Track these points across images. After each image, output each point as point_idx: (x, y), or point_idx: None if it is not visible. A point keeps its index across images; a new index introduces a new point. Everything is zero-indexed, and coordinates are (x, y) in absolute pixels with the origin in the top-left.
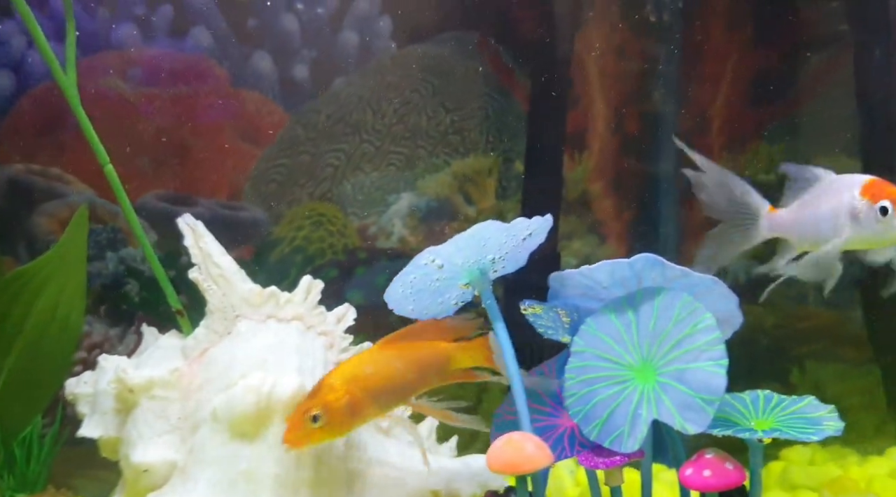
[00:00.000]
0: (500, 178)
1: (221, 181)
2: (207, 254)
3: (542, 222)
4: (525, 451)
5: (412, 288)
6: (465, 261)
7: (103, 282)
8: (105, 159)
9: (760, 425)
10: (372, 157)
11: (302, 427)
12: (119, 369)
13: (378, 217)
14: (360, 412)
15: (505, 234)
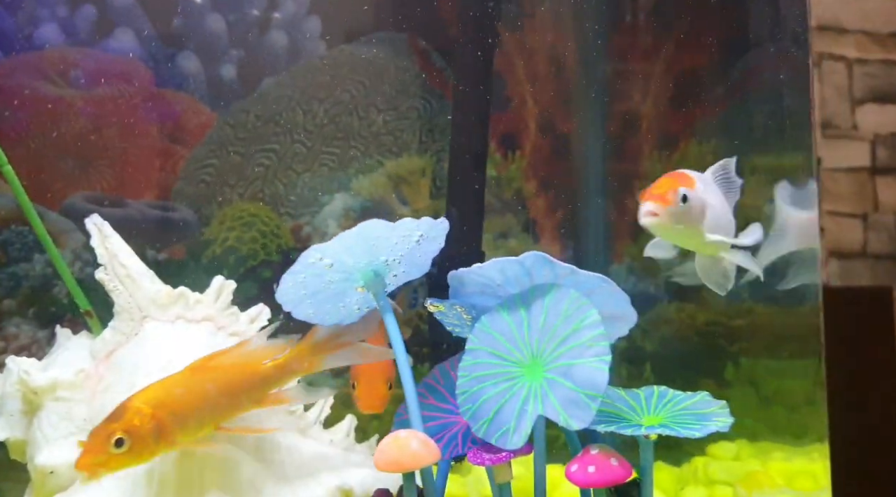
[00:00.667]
0: (434, 178)
1: (150, 182)
2: (113, 254)
3: (433, 224)
4: (409, 449)
5: (306, 288)
6: (357, 261)
7: (31, 284)
8: (3, 160)
9: (649, 421)
10: (304, 157)
11: (102, 452)
12: (21, 371)
13: (312, 217)
14: (167, 438)
15: (392, 234)
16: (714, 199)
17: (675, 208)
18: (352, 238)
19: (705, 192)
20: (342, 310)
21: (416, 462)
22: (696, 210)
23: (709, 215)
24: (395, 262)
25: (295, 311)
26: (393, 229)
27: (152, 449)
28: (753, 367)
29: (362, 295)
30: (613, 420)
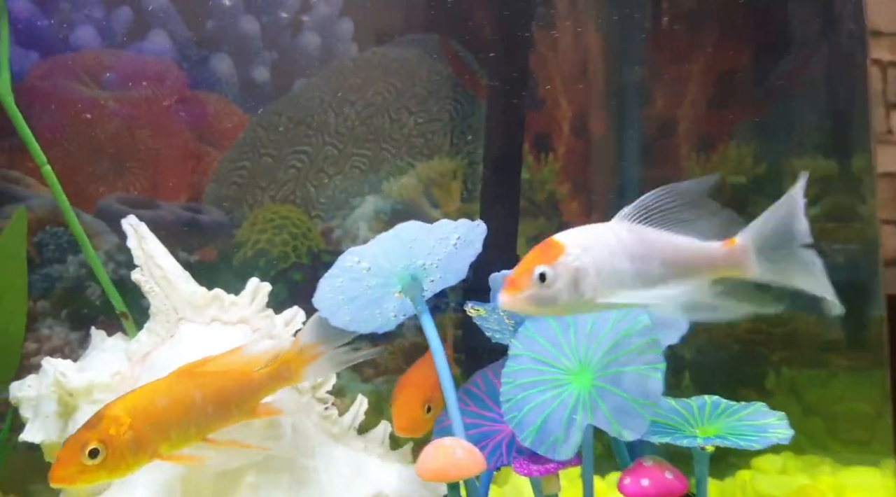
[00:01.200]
0: (465, 180)
1: (182, 184)
2: (150, 255)
3: (470, 227)
4: (454, 457)
5: (343, 294)
6: (394, 265)
7: (64, 285)
8: (42, 160)
9: (705, 432)
10: (335, 159)
11: (75, 462)
12: (58, 373)
13: (343, 220)
14: (146, 449)
15: (430, 237)
16: (611, 253)
17: (532, 292)
18: (389, 240)
19: (589, 252)
20: (379, 317)
21: (462, 471)
22: (566, 282)
23: (595, 277)
24: (432, 266)
25: (332, 317)
26: (430, 231)
27: (129, 461)
28: (796, 376)
29: (400, 301)
30: (667, 431)
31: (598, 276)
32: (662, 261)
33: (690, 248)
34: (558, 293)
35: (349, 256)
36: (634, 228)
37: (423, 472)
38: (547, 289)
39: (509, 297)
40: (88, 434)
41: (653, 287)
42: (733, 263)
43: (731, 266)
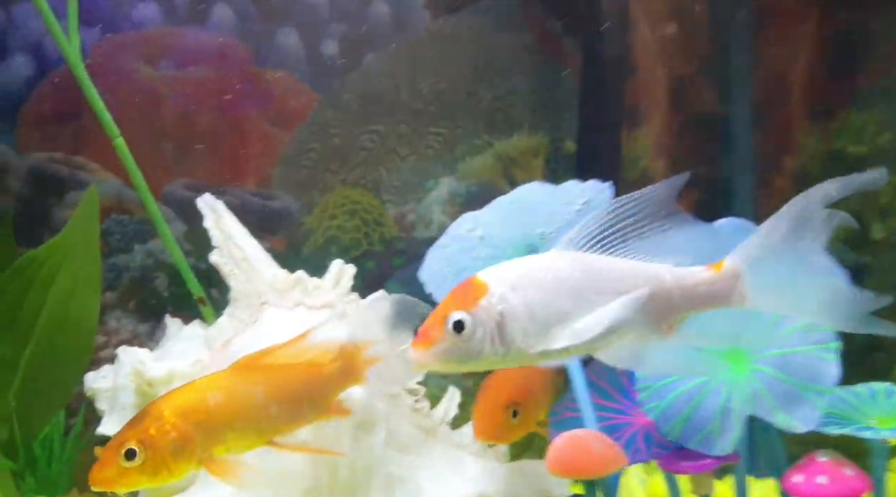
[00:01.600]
0: (547, 158)
1: (249, 168)
2: (229, 235)
3: (599, 189)
4: (592, 452)
5: (451, 265)
6: (510, 233)
7: (131, 275)
8: (115, 132)
9: (885, 423)
10: (408, 139)
11: (113, 464)
12: (137, 362)
13: (416, 204)
14: (191, 453)
15: (554, 201)
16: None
17: (446, 345)
18: (507, 205)
19: (518, 292)
20: None
21: (602, 467)
22: (489, 330)
23: (527, 322)
24: (551, 235)
25: (437, 292)
26: (554, 194)
27: (170, 466)
28: None
29: None
30: (839, 421)
31: (530, 320)
32: (618, 296)
33: (660, 278)
34: (480, 345)
35: (462, 223)
36: (580, 258)
37: (556, 468)
38: (465, 340)
39: (419, 354)
40: (128, 433)
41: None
42: (720, 295)
43: (717, 298)
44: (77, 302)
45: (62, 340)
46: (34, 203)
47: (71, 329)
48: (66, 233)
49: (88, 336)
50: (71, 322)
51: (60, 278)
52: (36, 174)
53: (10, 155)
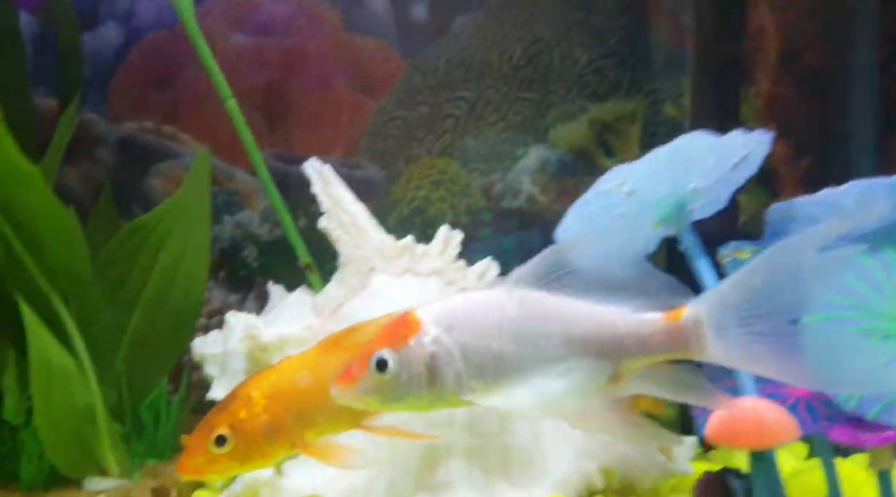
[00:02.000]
0: (645, 124)
1: (337, 137)
2: (337, 200)
3: (761, 141)
4: (766, 421)
5: (589, 224)
6: (660, 189)
7: (221, 246)
8: (227, 93)
9: None
10: (497, 105)
11: (203, 451)
12: (250, 327)
13: (504, 174)
14: (284, 436)
15: (714, 153)
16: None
17: (368, 384)
18: (664, 158)
19: (454, 332)
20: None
21: (775, 439)
22: (417, 372)
23: (462, 365)
24: (701, 191)
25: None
26: (717, 147)
27: (264, 450)
28: None
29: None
30: None
31: (465, 363)
32: (567, 340)
33: (613, 324)
34: (406, 387)
35: (611, 177)
36: (528, 298)
37: (722, 439)
38: (389, 381)
39: (341, 391)
40: (217, 418)
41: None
42: (677, 345)
43: (674, 349)
44: (186, 267)
45: (170, 306)
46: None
47: (178, 295)
48: (177, 197)
49: (196, 302)
50: (179, 288)
51: (170, 243)
52: (126, 144)
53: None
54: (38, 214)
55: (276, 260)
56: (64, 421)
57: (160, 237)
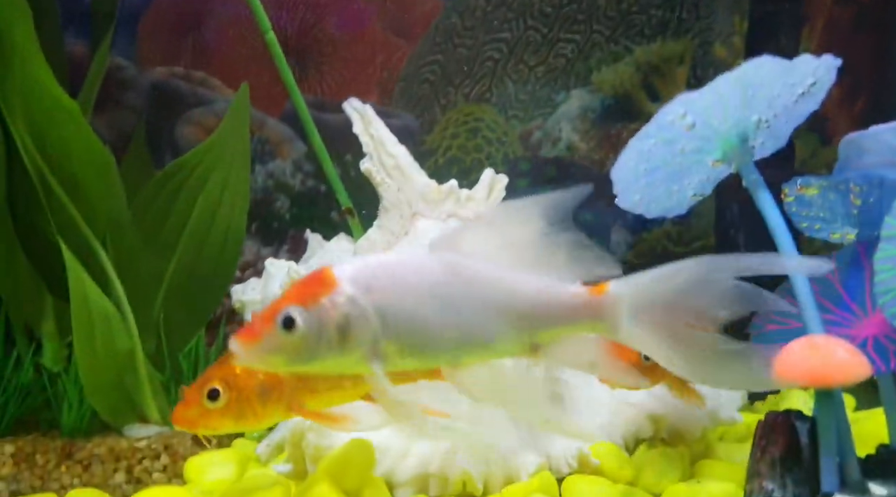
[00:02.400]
0: (694, 66)
1: (371, 83)
2: (380, 142)
3: (829, 66)
4: (835, 358)
5: (648, 161)
6: (723, 120)
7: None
8: (266, 26)
9: None
10: (538, 46)
11: (197, 404)
12: (291, 272)
13: (543, 120)
14: (279, 398)
15: (782, 80)
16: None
17: (272, 342)
18: (729, 84)
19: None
20: (675, 195)
21: (848, 375)
22: (327, 333)
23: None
24: (764, 124)
25: (623, 195)
26: (785, 73)
27: (257, 410)
28: None
29: (704, 176)
30: None
31: (382, 328)
32: (493, 307)
33: (538, 293)
34: (314, 348)
35: (674, 108)
36: (453, 262)
37: (792, 376)
38: (296, 341)
39: (240, 349)
40: (213, 372)
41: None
42: (594, 318)
43: (589, 321)
44: (225, 210)
45: (208, 251)
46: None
47: (217, 240)
48: (216, 136)
49: (235, 247)
50: (217, 232)
51: (210, 185)
52: (157, 90)
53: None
54: (76, 152)
55: (308, 211)
56: (105, 366)
57: (199, 179)
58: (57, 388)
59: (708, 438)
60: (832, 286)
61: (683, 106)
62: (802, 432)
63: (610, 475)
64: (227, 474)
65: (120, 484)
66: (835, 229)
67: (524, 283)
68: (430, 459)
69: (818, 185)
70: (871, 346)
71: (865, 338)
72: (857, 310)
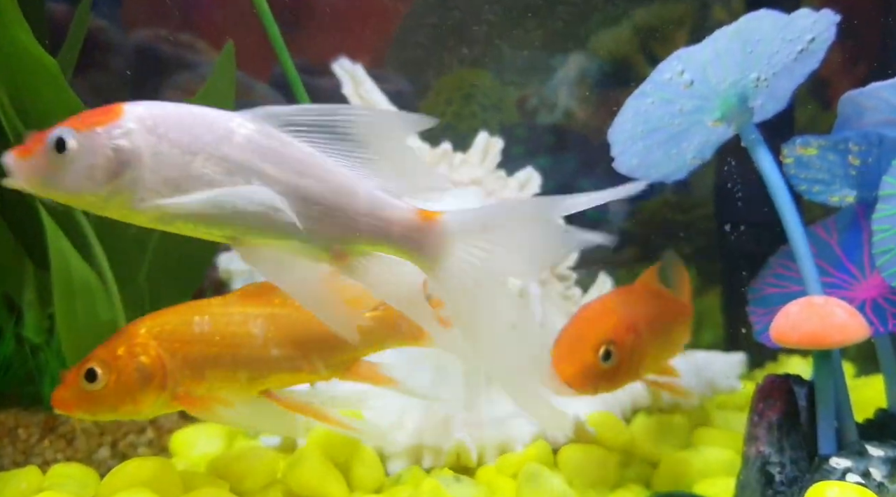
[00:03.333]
0: (693, 29)
1: (364, 46)
2: (370, 103)
3: (829, 23)
4: (834, 319)
5: (646, 122)
6: (722, 78)
7: None
8: None
9: None
10: (535, 8)
11: (74, 385)
12: None
13: (540, 86)
14: (161, 385)
15: (781, 35)
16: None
17: (41, 161)
18: (727, 39)
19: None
20: (674, 159)
21: (847, 335)
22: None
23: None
24: (763, 83)
25: (620, 158)
26: (784, 27)
27: (136, 396)
28: None
29: (704, 138)
30: None
31: (152, 172)
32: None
33: (355, 193)
34: (79, 177)
35: (672, 64)
36: (270, 134)
37: (791, 337)
38: (64, 164)
39: (14, 163)
40: (94, 352)
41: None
42: (413, 245)
43: (408, 246)
44: None
45: None
46: (139, 84)
47: None
48: (201, 97)
49: None
50: None
51: None
52: (141, 53)
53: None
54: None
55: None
56: (87, 337)
57: None
58: (39, 361)
59: (707, 407)
60: (831, 248)
61: (681, 62)
62: (800, 396)
63: (606, 444)
64: (213, 448)
65: (105, 459)
66: (833, 192)
67: (347, 179)
68: (423, 430)
69: (817, 144)
70: (870, 307)
71: (864, 300)
72: (856, 272)
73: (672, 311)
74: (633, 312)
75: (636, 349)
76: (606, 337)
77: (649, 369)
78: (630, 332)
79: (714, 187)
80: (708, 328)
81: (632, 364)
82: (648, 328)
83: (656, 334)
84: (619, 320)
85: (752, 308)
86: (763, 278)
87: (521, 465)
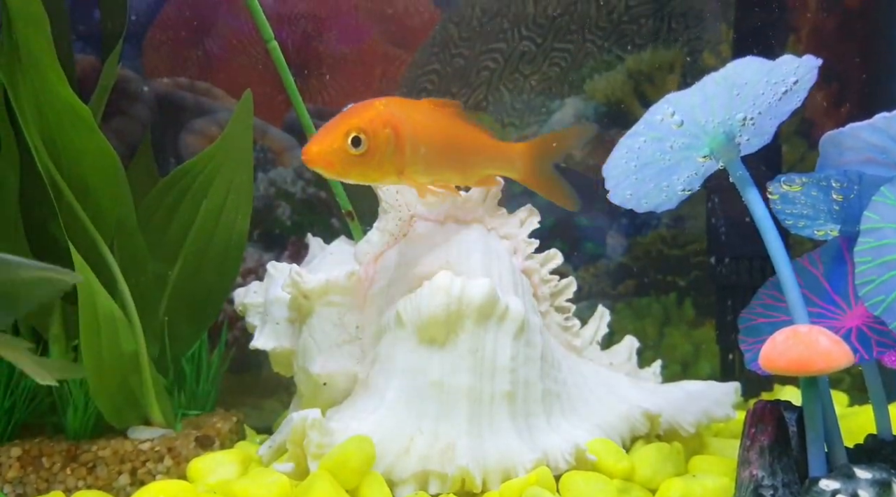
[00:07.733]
0: (684, 73)
1: (371, 91)
2: None
3: (810, 67)
4: (819, 347)
5: (639, 158)
6: (710, 119)
7: (255, 204)
8: (269, 35)
9: None
10: (532, 56)
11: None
12: (293, 274)
13: (539, 127)
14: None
15: (765, 79)
16: None
17: None
18: (715, 84)
19: None
20: (664, 191)
21: (830, 363)
22: None
23: None
24: (749, 122)
25: (615, 191)
26: (769, 72)
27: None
28: None
29: (693, 171)
30: None
31: None
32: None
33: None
34: None
35: (662, 107)
36: None
37: (777, 364)
38: None
39: None
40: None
41: None
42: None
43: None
44: (228, 213)
45: (212, 255)
46: (159, 130)
47: (220, 243)
48: (221, 141)
49: (238, 250)
50: (221, 236)
51: (214, 189)
52: (161, 100)
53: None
54: (87, 157)
55: (309, 218)
56: (111, 368)
57: (203, 184)
58: (62, 392)
59: (703, 435)
60: (817, 280)
61: (671, 105)
62: (791, 421)
63: (607, 471)
64: (229, 475)
65: (124, 486)
66: (818, 226)
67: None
68: (429, 457)
69: (800, 181)
70: (855, 336)
71: (849, 328)
72: (841, 302)
73: (471, 140)
74: (404, 116)
75: (394, 146)
76: (359, 125)
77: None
78: (387, 127)
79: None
80: (704, 359)
81: (386, 157)
82: (422, 136)
83: (435, 148)
84: (378, 115)
85: (743, 337)
86: (752, 309)
87: (523, 490)
